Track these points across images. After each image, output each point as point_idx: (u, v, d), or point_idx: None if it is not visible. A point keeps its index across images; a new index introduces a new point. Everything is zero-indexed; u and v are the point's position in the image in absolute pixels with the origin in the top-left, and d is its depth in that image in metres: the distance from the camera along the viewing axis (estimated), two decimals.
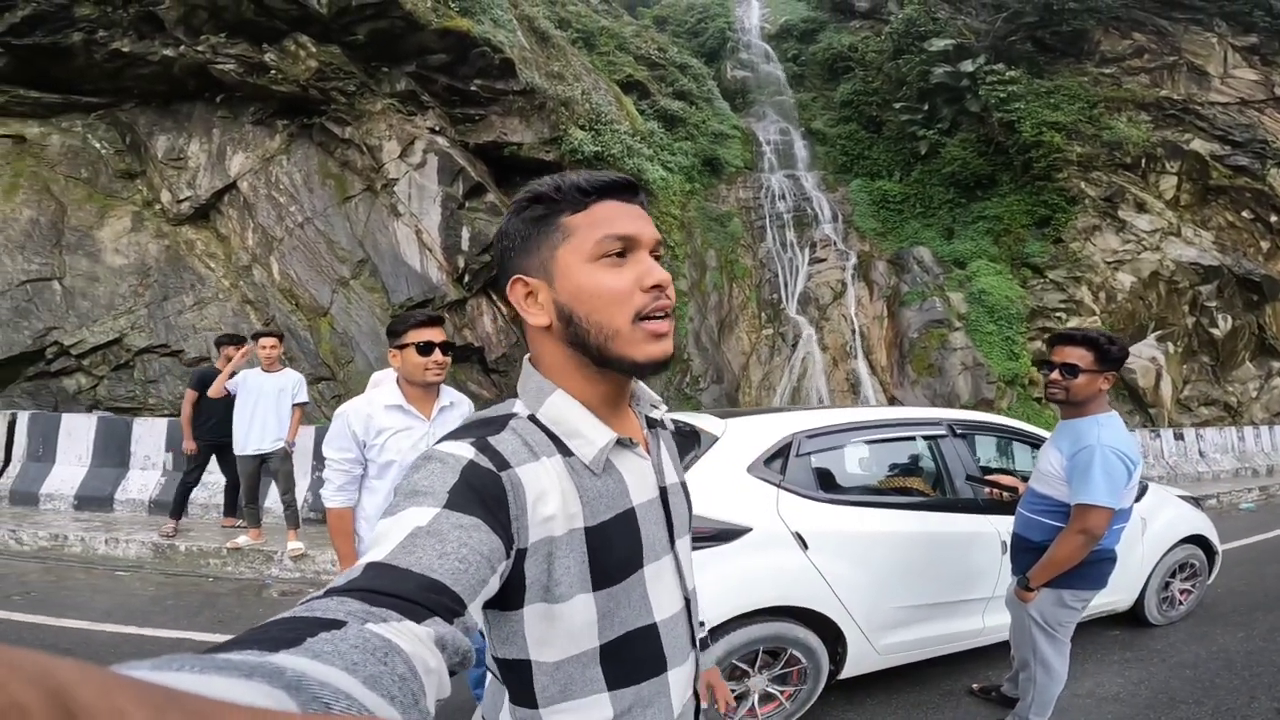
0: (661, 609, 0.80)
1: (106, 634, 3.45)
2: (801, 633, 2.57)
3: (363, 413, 2.22)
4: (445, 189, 9.28)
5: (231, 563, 4.62)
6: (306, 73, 9.00)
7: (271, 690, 0.30)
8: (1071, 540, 2.16)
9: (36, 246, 8.30)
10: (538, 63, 11.34)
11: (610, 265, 0.74)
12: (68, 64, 8.74)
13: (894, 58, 15.14)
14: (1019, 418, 10.33)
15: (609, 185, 0.77)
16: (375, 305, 8.79)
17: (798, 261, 12.56)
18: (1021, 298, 11.55)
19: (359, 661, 0.40)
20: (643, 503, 0.80)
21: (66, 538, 4.80)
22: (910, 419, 3.27)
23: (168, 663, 0.30)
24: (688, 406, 10.42)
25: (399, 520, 0.60)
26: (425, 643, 0.48)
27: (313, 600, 0.49)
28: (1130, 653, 3.48)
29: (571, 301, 0.75)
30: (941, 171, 13.58)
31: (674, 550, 0.85)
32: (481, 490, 0.65)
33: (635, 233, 0.75)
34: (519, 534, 0.67)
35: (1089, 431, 2.18)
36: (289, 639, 0.40)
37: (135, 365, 8.14)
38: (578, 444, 0.76)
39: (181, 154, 9.17)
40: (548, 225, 0.76)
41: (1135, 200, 12.60)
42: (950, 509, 2.99)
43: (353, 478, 2.24)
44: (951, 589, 2.93)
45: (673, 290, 0.78)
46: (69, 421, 5.84)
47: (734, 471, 2.62)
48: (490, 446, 0.70)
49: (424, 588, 0.53)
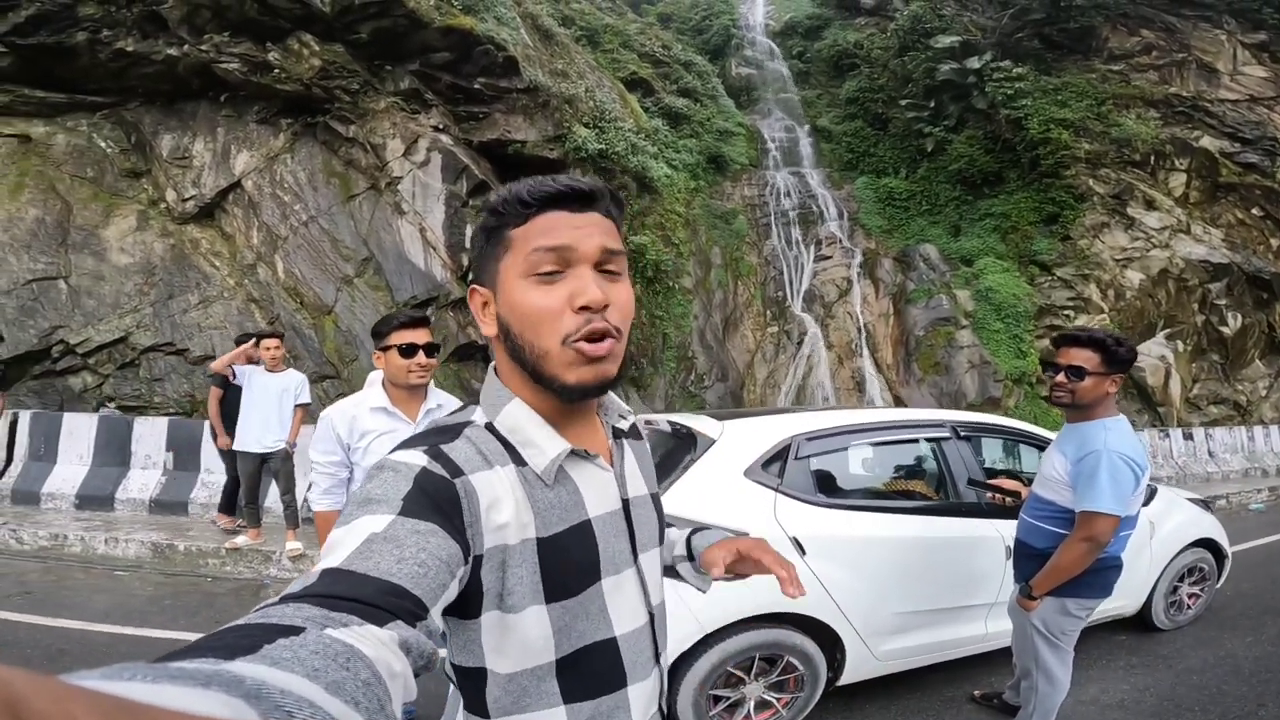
0: (622, 623, 0.78)
1: (104, 634, 3.44)
2: (799, 639, 2.53)
3: (347, 415, 2.19)
4: (449, 187, 9.27)
5: (230, 563, 4.62)
6: (310, 71, 9.00)
7: (229, 699, 0.29)
8: (1075, 548, 2.11)
9: (42, 245, 8.33)
10: (541, 60, 11.30)
11: (541, 282, 0.71)
12: (72, 63, 8.76)
13: (900, 54, 15.06)
14: (1026, 416, 10.26)
15: (553, 195, 0.73)
16: (379, 303, 8.79)
17: (803, 259, 12.51)
18: (1029, 295, 11.46)
19: (320, 668, 0.39)
20: (601, 515, 0.78)
21: (66, 537, 4.81)
22: (912, 420, 3.22)
23: (119, 671, 0.29)
24: (692, 404, 10.40)
25: (352, 528, 0.59)
26: (389, 646, 0.46)
27: (267, 607, 0.47)
28: (1136, 658, 3.43)
29: (508, 316, 0.74)
30: (948, 169, 13.50)
31: (637, 564, 0.82)
32: (436, 496, 0.64)
33: (570, 243, 0.71)
34: (474, 540, 0.67)
35: (1095, 436, 2.11)
36: (245, 646, 0.38)
37: (141, 364, 8.17)
38: (531, 453, 0.74)
39: (186, 153, 9.19)
40: (496, 237, 0.75)
41: (1144, 197, 12.49)
42: (953, 513, 2.94)
43: (339, 480, 2.21)
44: (953, 594, 2.88)
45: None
46: (70, 421, 5.85)
47: (730, 475, 2.57)
48: (443, 454, 0.69)
49: (384, 591, 0.52)
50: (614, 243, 0.75)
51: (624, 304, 0.74)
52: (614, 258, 0.74)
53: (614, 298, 0.72)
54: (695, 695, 2.41)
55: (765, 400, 10.85)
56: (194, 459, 5.63)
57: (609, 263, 0.74)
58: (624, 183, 11.26)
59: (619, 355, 0.74)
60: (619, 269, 0.75)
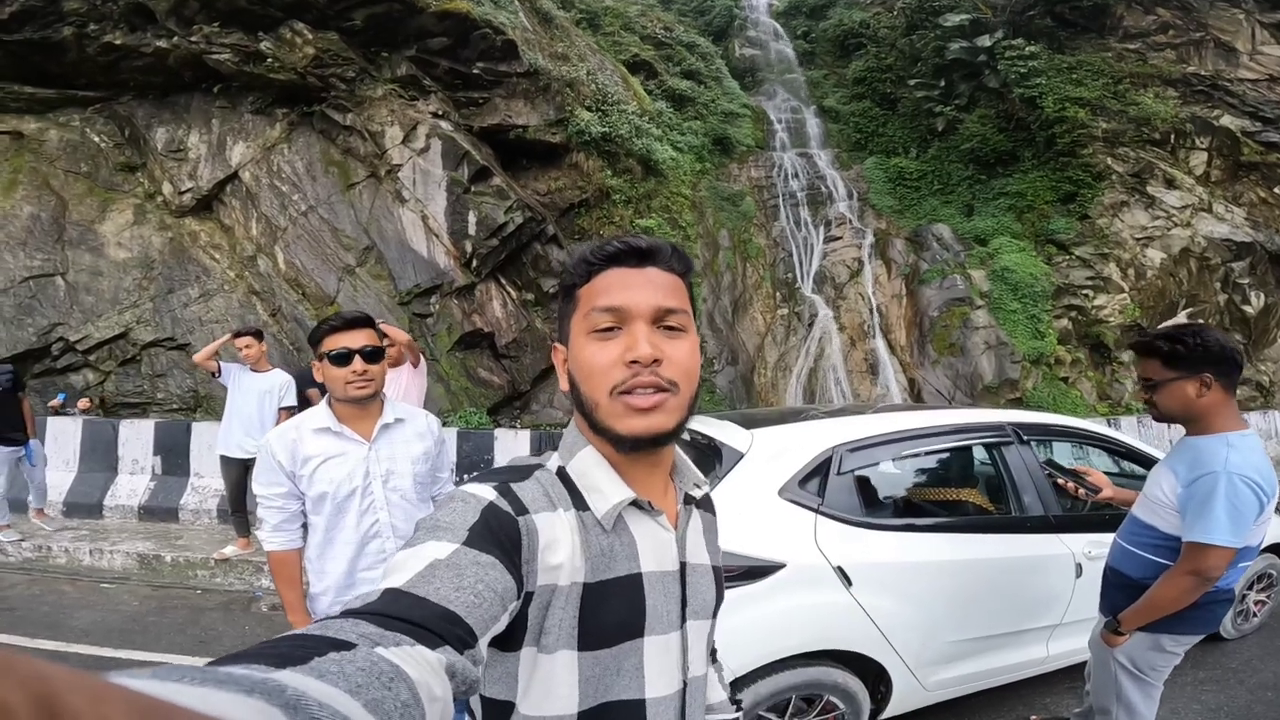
0: (654, 687, 0.77)
1: (79, 656, 3.29)
2: (840, 677, 2.26)
3: (288, 439, 1.90)
4: (450, 174, 9.06)
5: (220, 574, 4.44)
6: (304, 60, 8.79)
7: (267, 708, 0.30)
8: (1179, 582, 1.81)
9: (38, 242, 8.20)
10: (541, 44, 11.04)
11: (599, 338, 0.75)
12: (61, 59, 8.60)
13: (908, 33, 14.76)
14: (1045, 398, 10.00)
15: (615, 254, 0.77)
16: (383, 293, 8.61)
17: (812, 240, 12.24)
18: (1046, 275, 11.16)
19: (363, 684, 0.40)
20: (654, 572, 0.78)
21: (51, 549, 4.63)
22: (968, 424, 2.84)
23: (168, 673, 0.30)
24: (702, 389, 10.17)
25: (418, 552, 0.62)
26: (435, 669, 0.48)
27: (327, 620, 0.49)
28: (1204, 672, 3.19)
29: (574, 370, 0.78)
30: (960, 148, 13.21)
31: (684, 629, 0.81)
32: (499, 531, 0.67)
33: (624, 304, 0.74)
34: (528, 577, 0.68)
35: (1215, 454, 1.78)
36: (297, 656, 0.39)
37: (142, 359, 8.04)
38: (594, 498, 0.76)
39: (181, 145, 9.02)
40: (568, 296, 0.81)
41: (1164, 176, 12.22)
42: (1017, 528, 2.63)
43: (290, 514, 1.92)
44: (1015, 618, 2.59)
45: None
46: (55, 425, 5.66)
47: (763, 495, 2.26)
48: (512, 491, 0.72)
49: (439, 617, 0.54)
50: (672, 301, 0.76)
51: (682, 360, 0.75)
52: (672, 315, 0.76)
53: (669, 353, 0.74)
54: None
55: (776, 384, 10.63)
56: (183, 463, 5.41)
57: (667, 319, 0.76)
58: (629, 166, 11.02)
59: (676, 410, 0.74)
60: (680, 325, 0.77)
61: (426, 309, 8.70)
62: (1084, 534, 2.71)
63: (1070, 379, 10.65)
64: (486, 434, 5.85)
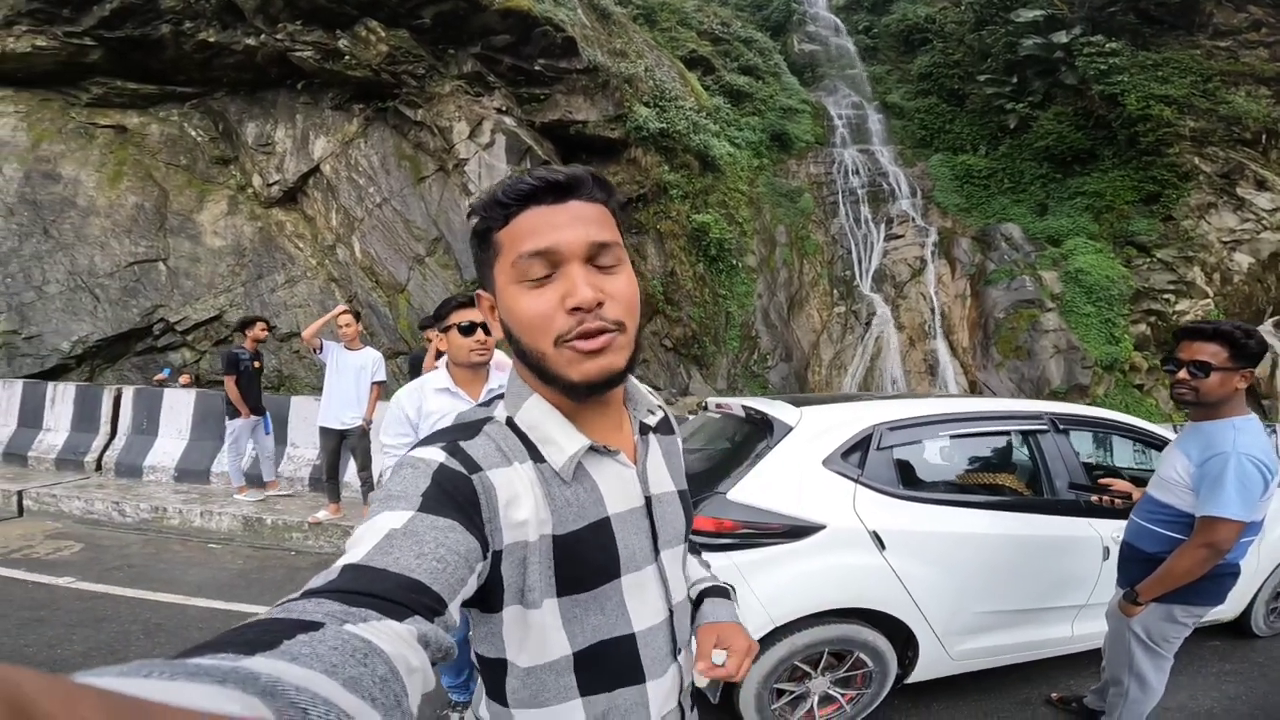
0: (641, 619, 0.78)
1: (197, 609, 3.58)
2: (870, 636, 2.39)
3: (414, 396, 2.22)
4: (513, 167, 9.33)
5: (312, 537, 4.74)
6: (378, 57, 9.21)
7: (244, 696, 0.29)
8: (1193, 554, 1.97)
9: (142, 230, 8.88)
10: (599, 40, 11.21)
11: (533, 286, 0.69)
12: (160, 55, 9.25)
13: (976, 29, 14.33)
14: (1118, 406, 9.55)
15: (529, 192, 0.70)
16: (449, 282, 8.96)
17: (872, 238, 12.01)
18: (1125, 278, 10.64)
19: (338, 664, 0.39)
20: (621, 512, 0.77)
21: (166, 510, 5.04)
22: (1006, 411, 2.96)
23: (137, 669, 0.29)
24: (754, 385, 10.18)
25: (373, 525, 0.60)
26: (408, 641, 0.47)
27: (289, 602, 0.48)
28: (1229, 665, 3.17)
29: (508, 321, 0.73)
30: (1033, 146, 12.72)
31: (658, 561, 0.81)
32: (454, 492, 0.65)
33: (553, 245, 0.68)
34: (493, 536, 0.67)
35: (1223, 436, 1.96)
36: (265, 641, 0.38)
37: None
38: (549, 450, 0.74)
39: (269, 140, 9.59)
40: (485, 241, 0.74)
41: (1255, 177, 11.49)
42: (1048, 510, 2.71)
43: None
44: (1042, 596, 2.68)
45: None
46: (170, 396, 6.12)
47: (809, 464, 2.43)
48: (461, 450, 0.69)
49: (403, 587, 0.53)
50: (603, 234, 0.71)
51: (622, 295, 0.70)
52: (605, 250, 0.70)
53: (610, 291, 0.70)
54: (759, 688, 2.31)
55: (831, 382, 10.51)
56: (280, 433, 5.80)
57: (600, 255, 0.70)
58: (686, 161, 11.07)
59: (625, 346, 0.71)
60: (614, 260, 0.71)
61: None
62: (1112, 519, 2.75)
63: (1145, 386, 10.14)
64: None
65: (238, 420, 5.21)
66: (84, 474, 5.91)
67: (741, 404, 2.89)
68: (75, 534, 4.78)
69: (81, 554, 4.38)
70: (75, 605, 3.54)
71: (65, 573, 3.98)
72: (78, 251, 8.62)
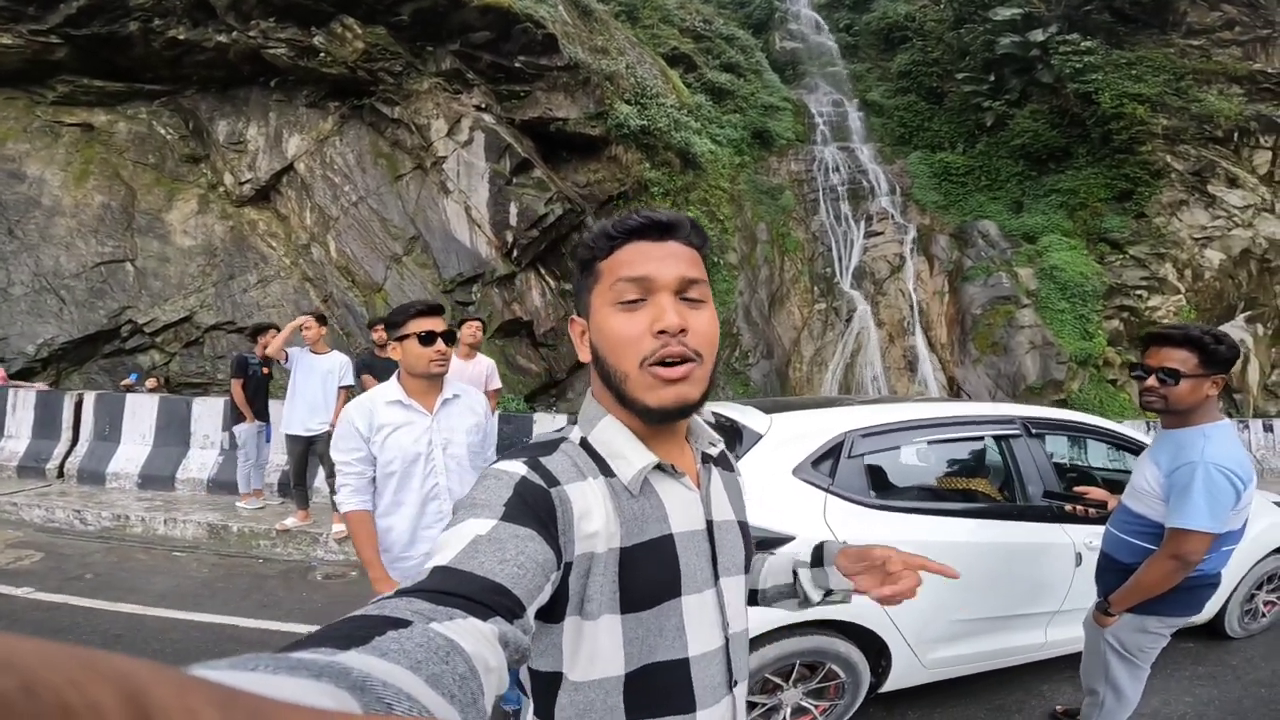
0: (696, 644, 0.79)
1: (158, 619, 3.49)
2: (843, 647, 2.38)
3: (365, 409, 2.11)
4: (492, 166, 9.24)
5: (280, 544, 4.65)
6: (354, 54, 9.07)
7: (336, 690, 0.31)
8: (1161, 565, 1.92)
9: (109, 230, 8.68)
10: (581, 37, 11.14)
11: (625, 310, 0.76)
12: (129, 53, 9.04)
13: (955, 27, 14.44)
14: (1091, 400, 9.71)
15: (637, 227, 0.78)
16: (427, 281, 8.86)
17: (852, 235, 12.08)
18: (1098, 274, 10.80)
19: (422, 660, 0.41)
20: (684, 532, 0.80)
21: (128, 518, 4.92)
22: (979, 416, 2.91)
23: (244, 662, 0.31)
24: (736, 382, 10.20)
25: (459, 530, 0.64)
26: (489, 640, 0.50)
27: (383, 599, 0.51)
28: (1203, 668, 3.19)
29: (597, 342, 0.79)
30: (1010, 143, 12.87)
31: (718, 586, 0.83)
32: (534, 504, 0.69)
33: (649, 274, 0.75)
34: (566, 547, 0.70)
35: (1192, 445, 1.89)
36: (360, 637, 0.41)
37: (204, 342, 8.46)
38: (619, 465, 0.78)
39: (241, 138, 9.41)
40: (587, 269, 0.81)
41: (1226, 175, 11.73)
42: (1020, 516, 2.71)
43: (367, 479, 2.11)
44: (1014, 602, 2.67)
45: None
46: (133, 401, 5.96)
47: (778, 474, 2.39)
48: (541, 465, 0.74)
49: (488, 589, 0.56)
50: (694, 271, 0.77)
51: (704, 329, 0.76)
52: (694, 285, 0.77)
53: (693, 324, 0.75)
54: None
55: (812, 379, 10.56)
56: None
57: (689, 290, 0.76)
58: (667, 158, 11.06)
59: (701, 380, 0.76)
60: (701, 296, 0.78)
61: (468, 297, 8.93)
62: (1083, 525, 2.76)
63: (1119, 381, 10.31)
64: (526, 417, 6.03)
65: (242, 425, 5.11)
66: (46, 481, 5.76)
67: (712, 410, 2.85)
68: (36, 543, 4.65)
69: (42, 563, 4.27)
70: (33, 616, 3.44)
71: (24, 583, 3.87)
72: (43, 252, 8.41)
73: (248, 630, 3.41)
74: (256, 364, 5.10)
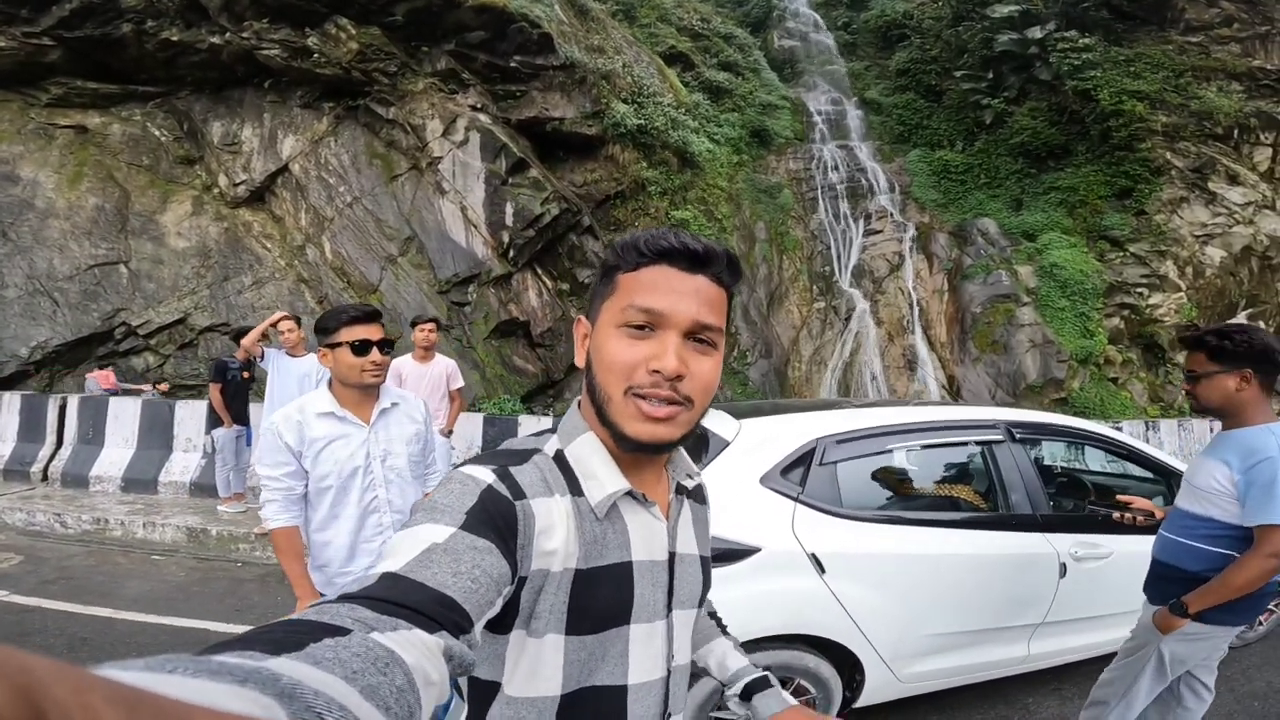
0: (637, 673, 0.77)
1: (127, 622, 3.45)
2: (813, 662, 2.28)
3: (293, 420, 1.97)
4: (488, 166, 9.19)
5: (260, 548, 4.60)
6: (348, 55, 9.03)
7: (261, 697, 0.30)
8: (1257, 565, 1.86)
9: (103, 232, 8.64)
10: (577, 36, 11.09)
11: (629, 334, 0.73)
12: (122, 54, 9.01)
13: (953, 24, 14.38)
14: (1092, 399, 9.61)
15: (668, 249, 0.73)
16: (423, 282, 8.81)
17: (851, 233, 12.01)
18: (1098, 272, 10.71)
19: (359, 670, 0.39)
20: (644, 561, 0.78)
21: (108, 521, 4.88)
22: (959, 420, 2.80)
23: (161, 664, 0.29)
24: (734, 382, 10.12)
25: (415, 534, 0.61)
26: (433, 653, 0.49)
27: (324, 604, 0.49)
28: None
29: (595, 356, 0.76)
30: (1009, 141, 12.79)
31: (669, 618, 0.82)
32: (497, 516, 0.67)
33: (664, 309, 0.72)
34: (523, 561, 0.68)
35: (1265, 442, 1.88)
36: (292, 642, 0.39)
37: (199, 344, 8.41)
38: (590, 485, 0.76)
39: (236, 139, 9.37)
40: (608, 277, 0.78)
41: (1227, 172, 11.65)
42: (1002, 526, 2.60)
43: (295, 495, 1.99)
44: (996, 615, 2.57)
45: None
46: (116, 405, 5.93)
47: (745, 482, 2.30)
48: (510, 475, 0.72)
49: (436, 601, 0.54)
50: (711, 317, 0.74)
51: (703, 377, 0.73)
52: (707, 331, 0.74)
53: (694, 369, 0.72)
54: (695, 717, 2.20)
55: (811, 378, 10.48)
56: None
57: (700, 334, 0.73)
58: (665, 158, 11.00)
59: (685, 424, 0.73)
60: (711, 341, 0.75)
61: (464, 297, 8.87)
62: (1071, 534, 2.66)
63: (1120, 380, 10.21)
64: (512, 419, 5.95)
65: (220, 430, 5.05)
66: (30, 485, 5.71)
67: None
68: (17, 546, 4.61)
69: (19, 566, 4.22)
70: (4, 619, 3.41)
71: (0, 586, 3.83)
72: (36, 254, 8.37)
73: (219, 635, 3.36)
74: (236, 368, 5.04)
